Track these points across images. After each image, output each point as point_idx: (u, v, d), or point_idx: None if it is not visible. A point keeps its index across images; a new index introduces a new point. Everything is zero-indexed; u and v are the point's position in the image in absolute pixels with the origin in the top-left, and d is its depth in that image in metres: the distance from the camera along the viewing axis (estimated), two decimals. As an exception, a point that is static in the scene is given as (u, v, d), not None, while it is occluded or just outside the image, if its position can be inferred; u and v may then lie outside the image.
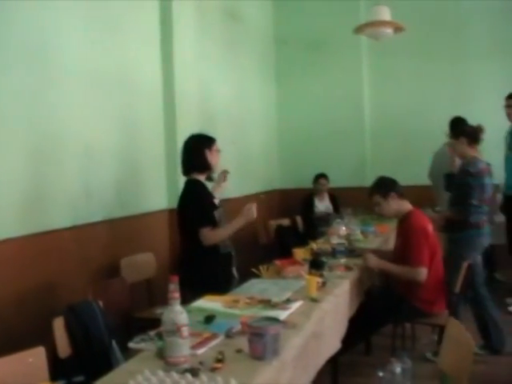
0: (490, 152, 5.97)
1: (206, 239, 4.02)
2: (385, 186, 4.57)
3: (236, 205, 4.55)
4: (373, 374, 3.71)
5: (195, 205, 4.09)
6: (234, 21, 7.36)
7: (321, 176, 7.88)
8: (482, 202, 5.00)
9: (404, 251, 4.38)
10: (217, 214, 4.15)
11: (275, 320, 2.52)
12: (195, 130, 5.88)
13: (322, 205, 7.87)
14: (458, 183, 5.06)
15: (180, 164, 4.28)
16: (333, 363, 3.89)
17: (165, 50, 5.75)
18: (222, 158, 4.35)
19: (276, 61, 8.96)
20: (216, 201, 4.25)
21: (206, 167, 4.20)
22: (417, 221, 4.43)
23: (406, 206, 4.56)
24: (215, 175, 4.45)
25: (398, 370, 4.04)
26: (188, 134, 4.79)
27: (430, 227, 4.47)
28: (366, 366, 4.47)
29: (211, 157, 4.20)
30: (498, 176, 6.26)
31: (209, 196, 4.21)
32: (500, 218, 6.61)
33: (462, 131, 5.14)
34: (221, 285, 3.86)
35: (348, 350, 4.14)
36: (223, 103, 6.96)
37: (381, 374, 4.09)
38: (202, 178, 4.23)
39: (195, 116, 6.07)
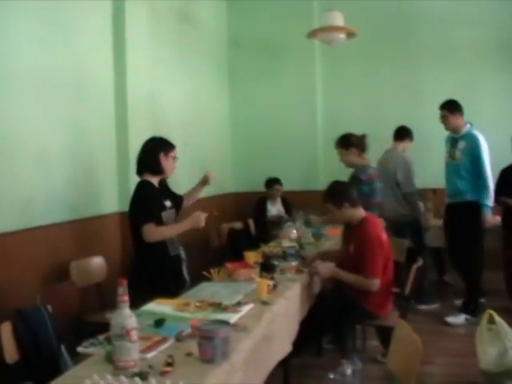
0: (439, 157, 6.08)
1: (148, 235, 4.02)
2: (338, 195, 4.56)
3: (189, 207, 4.55)
4: (324, 375, 3.77)
5: (140, 203, 4.13)
6: (187, 23, 7.34)
7: (275, 181, 7.90)
8: (371, 205, 5.20)
9: (358, 259, 4.38)
10: (165, 215, 4.18)
11: (225, 323, 2.53)
12: (147, 132, 5.86)
13: (275, 208, 7.90)
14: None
15: (132, 167, 4.28)
16: (284, 366, 3.90)
17: (117, 53, 5.70)
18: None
19: (229, 64, 8.96)
20: (167, 203, 4.26)
21: (158, 170, 4.23)
22: (372, 230, 4.45)
23: (360, 213, 4.58)
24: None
25: (349, 371, 4.11)
26: (140, 138, 4.77)
27: (384, 234, 4.53)
28: (317, 368, 4.51)
29: (165, 162, 4.24)
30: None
31: (157, 197, 4.21)
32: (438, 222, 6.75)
33: (351, 142, 5.50)
34: (171, 287, 3.87)
35: (299, 353, 4.18)
36: (176, 106, 6.93)
37: (331, 375, 4.15)
38: (153, 179, 4.25)
39: (147, 119, 6.04)
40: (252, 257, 4.47)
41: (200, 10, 7.86)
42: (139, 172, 4.29)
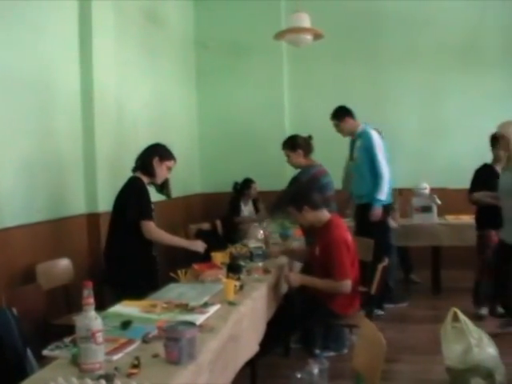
0: (405, 157, 6.16)
1: (149, 232, 4.20)
2: (298, 199, 4.61)
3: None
4: (291, 375, 3.77)
5: (139, 199, 4.26)
6: (154, 24, 7.32)
7: (252, 181, 7.94)
8: (327, 201, 5.27)
9: (326, 262, 4.42)
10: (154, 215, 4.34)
11: (191, 324, 2.53)
12: (114, 133, 5.88)
13: (247, 209, 7.94)
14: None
15: (99, 168, 4.31)
16: (251, 366, 3.92)
17: (83, 53, 5.64)
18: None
19: (197, 65, 8.95)
20: (152, 205, 4.38)
21: (148, 171, 4.40)
22: (337, 232, 4.48)
23: (323, 215, 4.61)
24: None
25: (316, 370, 4.12)
26: (106, 138, 4.75)
27: (349, 236, 4.57)
28: (285, 368, 4.52)
29: (158, 167, 4.42)
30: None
31: (149, 196, 4.36)
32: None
33: (298, 144, 5.62)
34: (150, 285, 3.89)
35: (266, 353, 4.20)
36: (143, 106, 6.91)
37: (299, 375, 4.16)
38: (144, 179, 4.41)
39: (114, 119, 6.02)
40: (219, 257, 4.48)
41: (167, 10, 7.85)
42: (133, 170, 4.47)
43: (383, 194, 6.09)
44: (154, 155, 4.40)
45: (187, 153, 8.39)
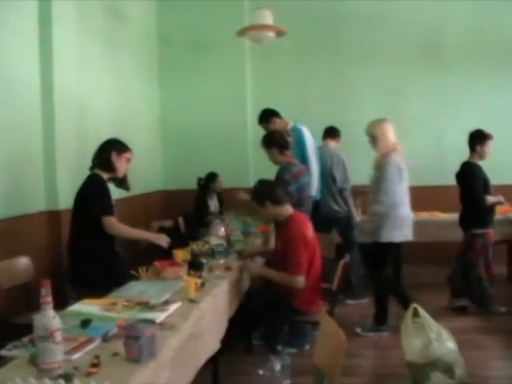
0: (366, 155, 6.19)
1: (112, 227, 4.18)
2: (260, 195, 4.68)
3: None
4: (253, 372, 3.79)
5: (100, 195, 4.24)
6: (116, 20, 7.24)
7: (216, 175, 7.93)
8: (302, 201, 5.42)
9: (284, 257, 4.48)
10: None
11: (151, 322, 2.52)
12: (75, 129, 5.83)
13: (213, 204, 7.93)
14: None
15: (59, 165, 4.26)
16: (213, 363, 3.92)
17: (43, 49, 5.57)
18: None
19: (159, 61, 8.89)
20: (113, 201, 4.36)
21: (108, 167, 4.36)
22: (295, 227, 4.53)
23: (285, 210, 4.65)
24: None
25: (278, 367, 4.12)
26: (67, 135, 4.68)
27: (310, 232, 4.60)
28: (247, 365, 4.54)
29: (117, 161, 4.39)
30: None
31: (109, 192, 4.34)
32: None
33: (273, 142, 5.61)
34: (114, 281, 3.86)
35: (228, 350, 4.21)
36: (105, 102, 6.84)
37: (260, 371, 4.16)
38: (104, 175, 4.37)
39: (75, 115, 5.96)
40: (180, 255, 4.46)
41: (129, 6, 7.79)
42: (91, 168, 4.42)
43: (313, 190, 6.14)
44: (111, 150, 4.37)
45: (149, 149, 8.34)
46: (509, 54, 8.59)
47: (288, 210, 4.66)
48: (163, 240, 4.46)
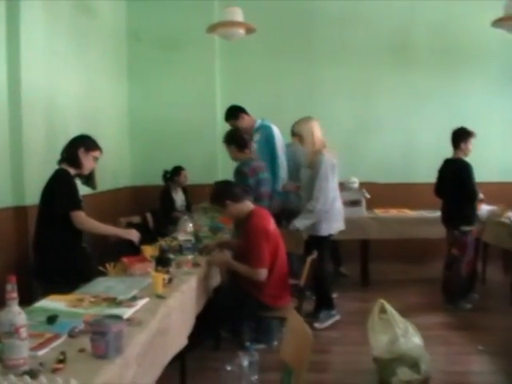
0: (336, 149, 6.23)
1: (81, 222, 4.16)
2: (218, 195, 4.75)
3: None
4: (221, 368, 3.79)
5: (67, 190, 4.21)
6: (85, 16, 7.16)
7: (182, 168, 7.91)
8: (260, 196, 5.57)
9: (247, 251, 4.53)
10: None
11: (118, 318, 2.51)
12: (42, 126, 5.76)
13: (179, 199, 7.91)
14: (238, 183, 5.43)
15: (26, 161, 4.22)
16: (181, 359, 3.91)
17: (10, 46, 5.45)
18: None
19: (129, 58, 8.81)
20: (80, 196, 4.34)
21: (74, 162, 4.33)
22: (257, 222, 4.59)
23: (246, 206, 4.71)
24: None
25: (246, 363, 4.14)
26: (34, 131, 4.62)
27: (271, 226, 4.65)
28: (215, 361, 4.52)
29: (84, 158, 4.36)
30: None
31: (76, 187, 4.32)
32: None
33: (232, 140, 5.82)
34: (81, 277, 3.84)
35: (196, 346, 4.21)
36: (73, 99, 6.76)
37: (228, 367, 4.17)
38: (71, 171, 4.34)
39: (43, 112, 5.88)
40: (148, 251, 4.44)
41: (99, 3, 7.70)
42: (59, 162, 4.38)
43: (279, 186, 6.29)
44: (80, 146, 4.35)
45: (117, 146, 8.29)
46: (476, 53, 8.70)
47: (248, 205, 4.74)
48: (134, 235, 4.44)
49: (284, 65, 8.75)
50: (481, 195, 6.38)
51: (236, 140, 5.81)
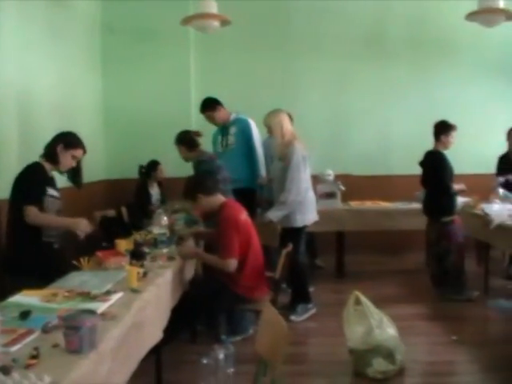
0: (312, 142, 6.26)
1: (31, 216, 4.00)
2: (190, 190, 4.75)
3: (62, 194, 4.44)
4: (197, 361, 3.79)
5: (24, 184, 4.11)
6: (59, 7, 7.08)
7: (158, 163, 7.87)
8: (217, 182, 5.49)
9: (219, 242, 4.56)
10: (47, 200, 4.14)
11: (92, 312, 2.49)
12: (15, 118, 5.69)
13: (155, 193, 7.89)
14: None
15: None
16: (156, 353, 3.90)
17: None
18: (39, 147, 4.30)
19: (103, 49, 8.73)
20: (52, 192, 4.23)
21: (51, 158, 4.24)
22: (227, 212, 4.63)
23: (218, 199, 4.75)
24: None
25: (221, 356, 4.14)
26: (7, 123, 4.56)
27: (243, 216, 4.67)
28: (191, 354, 4.52)
29: (62, 155, 4.25)
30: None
31: (42, 181, 4.18)
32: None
33: (180, 140, 6.07)
34: (50, 274, 3.80)
35: (171, 340, 4.21)
36: (47, 91, 6.67)
37: (204, 360, 4.17)
38: (47, 165, 4.25)
39: (16, 104, 5.81)
40: (123, 245, 4.42)
41: (73, -7, 7.63)
42: (41, 155, 4.30)
43: (258, 179, 6.46)
44: (59, 142, 4.26)
45: (92, 138, 8.13)
46: (450, 45, 8.78)
47: (220, 198, 4.77)
48: (82, 225, 4.11)
49: (259, 57, 8.74)
50: (461, 186, 6.42)
51: (186, 141, 6.05)
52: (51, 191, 4.23)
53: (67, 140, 4.31)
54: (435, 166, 6.33)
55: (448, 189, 6.26)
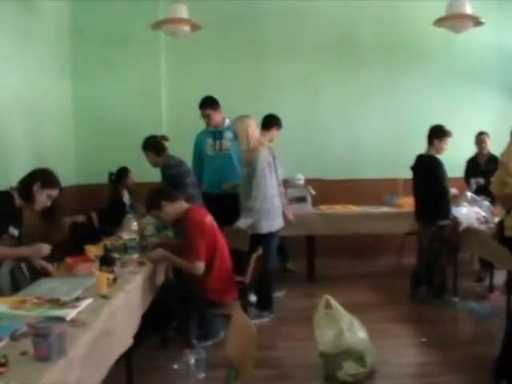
0: (282, 146, 6.28)
1: None
2: (154, 199, 4.73)
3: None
4: (168, 366, 3.78)
5: None
6: (27, 10, 7.02)
7: (128, 170, 7.82)
8: (184, 184, 5.73)
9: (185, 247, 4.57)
10: (6, 239, 4.00)
11: (61, 319, 2.48)
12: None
13: (127, 199, 7.85)
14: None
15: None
16: (127, 359, 3.89)
17: None
18: (16, 152, 4.23)
19: (72, 54, 8.63)
20: (15, 232, 4.09)
21: (26, 196, 4.07)
22: (192, 216, 4.64)
23: (182, 206, 4.75)
24: None
25: (192, 361, 4.14)
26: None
27: (208, 220, 4.69)
28: (162, 360, 4.51)
29: (38, 194, 4.07)
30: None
31: (9, 217, 4.06)
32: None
33: (147, 146, 6.04)
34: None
35: (141, 345, 4.19)
36: (14, 96, 6.60)
37: (175, 366, 4.17)
38: (17, 201, 4.09)
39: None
40: (93, 250, 4.40)
41: (42, -2, 7.57)
42: (14, 188, 4.15)
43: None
44: (37, 180, 4.07)
45: (61, 144, 8.16)
46: (420, 50, 8.85)
47: (184, 204, 4.78)
48: (43, 251, 3.95)
49: (230, 62, 8.74)
50: (454, 190, 6.48)
51: (153, 146, 6.02)
52: (12, 230, 4.08)
53: (45, 179, 4.13)
54: (432, 170, 6.33)
55: (446, 193, 6.26)
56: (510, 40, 9.08)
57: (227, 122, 6.64)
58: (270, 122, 6.91)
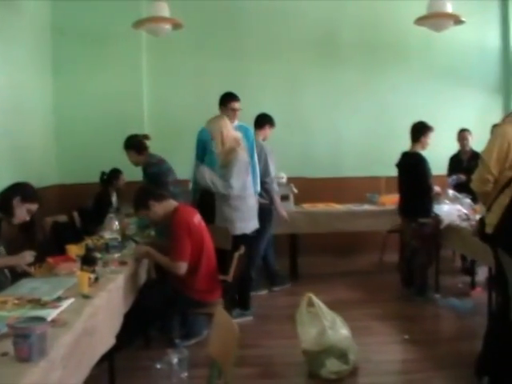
0: (271, 141, 6.28)
1: None
2: (141, 199, 4.72)
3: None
4: (151, 366, 3.78)
5: None
6: (6, 8, 6.96)
7: (120, 172, 7.78)
8: (166, 183, 5.75)
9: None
10: None
11: (41, 319, 2.46)
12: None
13: (114, 200, 7.82)
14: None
15: None
16: (109, 359, 3.87)
17: None
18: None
19: (53, 52, 8.58)
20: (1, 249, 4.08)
21: (5, 210, 4.05)
22: (179, 216, 4.61)
23: (170, 204, 4.73)
24: None
25: (175, 360, 4.14)
26: None
27: (195, 220, 4.67)
28: (145, 360, 4.50)
29: (18, 208, 4.05)
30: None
31: None
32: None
33: (129, 145, 6.02)
34: None
35: (125, 345, 4.18)
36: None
37: (158, 365, 4.17)
38: None
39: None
40: (74, 250, 4.37)
41: (22, -4, 7.52)
42: None
43: (258, 187, 6.32)
44: (17, 194, 4.06)
45: (42, 142, 8.11)
46: (401, 49, 8.92)
47: (172, 203, 4.75)
48: (27, 258, 3.93)
49: (211, 61, 8.72)
50: (438, 188, 6.51)
51: (134, 144, 5.98)
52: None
53: (25, 193, 4.12)
54: (417, 168, 6.36)
55: (430, 190, 6.31)
56: (490, 38, 9.18)
57: (235, 123, 6.39)
58: (263, 121, 6.95)
